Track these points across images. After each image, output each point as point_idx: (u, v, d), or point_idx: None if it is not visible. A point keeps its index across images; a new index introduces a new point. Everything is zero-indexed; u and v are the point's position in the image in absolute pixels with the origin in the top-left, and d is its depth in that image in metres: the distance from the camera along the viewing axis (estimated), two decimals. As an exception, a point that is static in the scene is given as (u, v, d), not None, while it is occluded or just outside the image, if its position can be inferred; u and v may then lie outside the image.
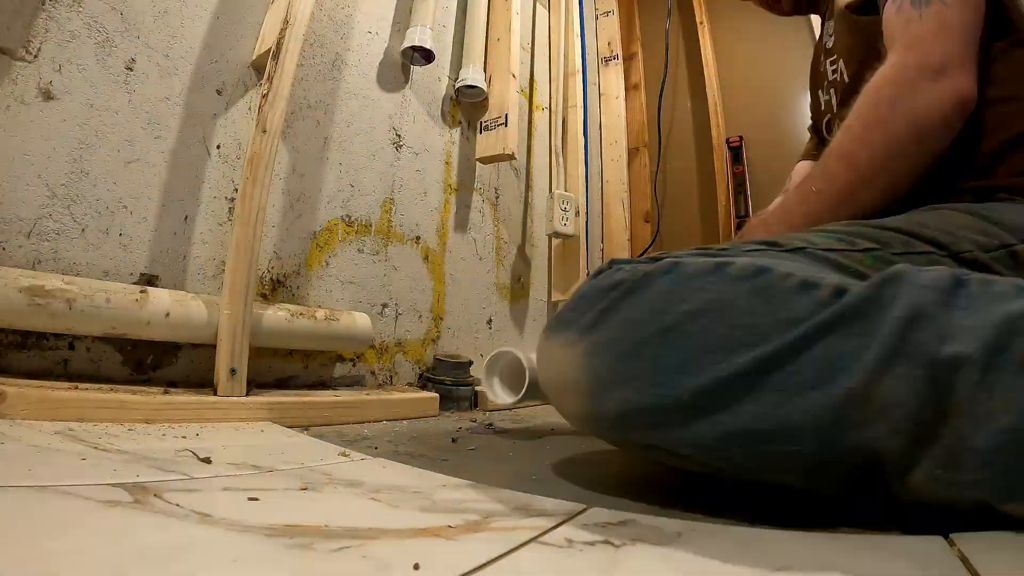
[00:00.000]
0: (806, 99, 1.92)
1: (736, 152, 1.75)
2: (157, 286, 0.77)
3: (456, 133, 1.31)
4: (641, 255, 1.96)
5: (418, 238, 1.19)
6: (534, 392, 0.75)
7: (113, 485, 0.37)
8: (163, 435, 0.58)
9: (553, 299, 1.64)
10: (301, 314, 0.86)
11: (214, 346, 0.75)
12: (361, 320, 0.96)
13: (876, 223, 0.52)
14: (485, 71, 1.30)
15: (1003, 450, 0.30)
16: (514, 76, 1.31)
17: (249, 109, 0.90)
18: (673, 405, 0.37)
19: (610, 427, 0.42)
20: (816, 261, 0.44)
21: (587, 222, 1.68)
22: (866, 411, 0.33)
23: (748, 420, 0.35)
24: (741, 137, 1.76)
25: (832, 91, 0.76)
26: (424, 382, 1.13)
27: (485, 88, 1.26)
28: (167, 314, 0.70)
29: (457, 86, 1.26)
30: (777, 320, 0.35)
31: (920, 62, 0.55)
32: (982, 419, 0.31)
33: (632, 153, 2.05)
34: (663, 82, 2.05)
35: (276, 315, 0.83)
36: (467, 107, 1.33)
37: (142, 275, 0.76)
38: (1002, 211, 0.52)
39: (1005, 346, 0.31)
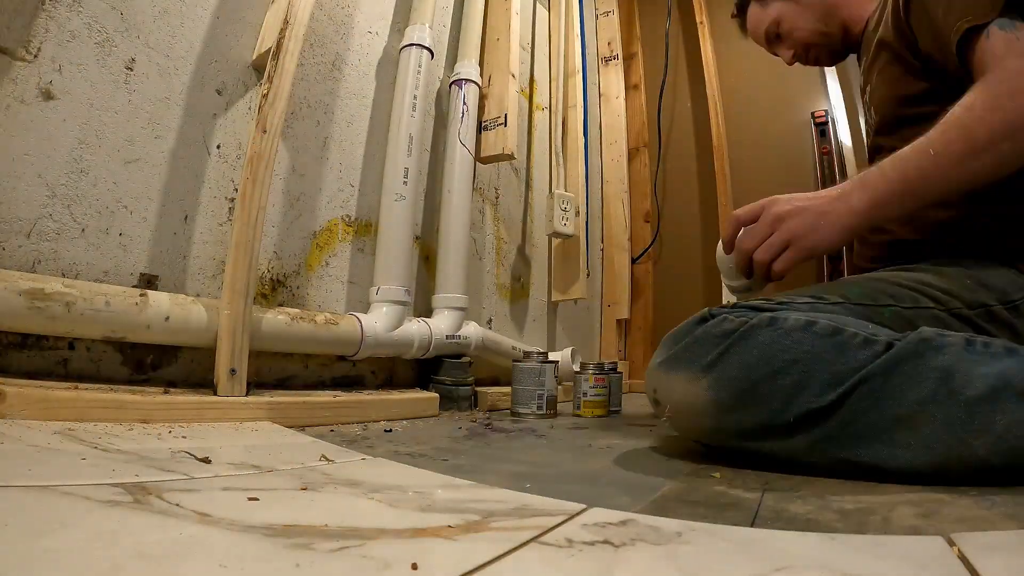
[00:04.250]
0: (805, 99, 1.92)
1: (823, 128, 1.76)
2: (157, 286, 0.77)
3: (456, 133, 1.31)
4: (641, 255, 1.96)
5: (417, 237, 1.19)
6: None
7: (113, 485, 0.37)
8: (162, 435, 0.58)
9: (553, 299, 1.64)
10: (301, 318, 0.86)
11: (214, 348, 0.75)
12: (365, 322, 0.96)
13: (894, 280, 0.68)
14: (481, 67, 1.30)
15: (1002, 442, 0.47)
16: (514, 76, 1.31)
17: (249, 109, 0.90)
18: (781, 425, 0.54)
19: (728, 437, 0.59)
20: (855, 314, 0.61)
21: (587, 222, 1.68)
22: (906, 432, 0.50)
23: (828, 433, 0.52)
24: (826, 111, 1.78)
25: (867, 128, 0.90)
26: (424, 382, 1.13)
27: (479, 81, 1.26)
28: (167, 318, 0.70)
29: (451, 80, 1.26)
30: (850, 368, 0.52)
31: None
32: (990, 431, 0.48)
33: (632, 153, 2.05)
34: (663, 82, 2.05)
35: (276, 319, 0.83)
36: (467, 107, 1.33)
37: (142, 275, 0.76)
38: (989, 275, 0.68)
39: (1003, 389, 0.48)
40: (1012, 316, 0.66)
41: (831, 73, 1.80)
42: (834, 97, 1.79)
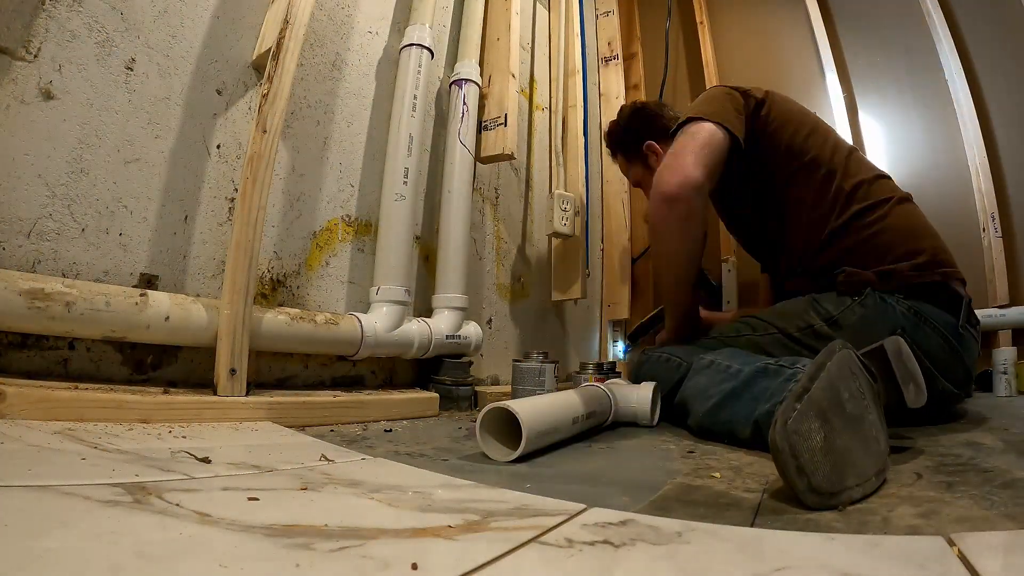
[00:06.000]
0: (806, 99, 1.92)
1: None
2: (157, 286, 0.77)
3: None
4: (641, 255, 1.96)
5: (417, 237, 1.19)
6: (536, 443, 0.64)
7: (113, 485, 0.37)
8: (162, 435, 0.58)
9: (553, 299, 1.64)
10: (301, 318, 0.86)
11: (214, 348, 0.75)
12: (364, 322, 0.96)
13: (758, 315, 1.02)
14: (481, 67, 1.30)
15: (702, 417, 0.81)
16: (514, 76, 1.31)
17: (249, 109, 0.90)
18: (665, 396, 0.97)
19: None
20: (712, 347, 0.97)
21: (587, 222, 1.68)
22: (694, 405, 0.84)
23: (676, 401, 0.91)
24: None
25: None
26: (424, 382, 1.13)
27: (479, 81, 1.26)
28: (167, 318, 0.70)
29: (451, 80, 1.26)
30: (673, 375, 0.96)
31: (664, 166, 1.01)
32: (701, 410, 0.81)
33: (632, 153, 2.05)
34: (663, 82, 2.05)
35: (276, 319, 0.83)
36: (467, 107, 1.33)
37: (142, 275, 0.76)
38: (823, 298, 0.94)
39: (703, 391, 0.82)
40: (832, 330, 0.91)
41: (831, 72, 1.80)
42: (834, 97, 1.79)
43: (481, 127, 1.29)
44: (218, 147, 0.86)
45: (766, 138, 1.05)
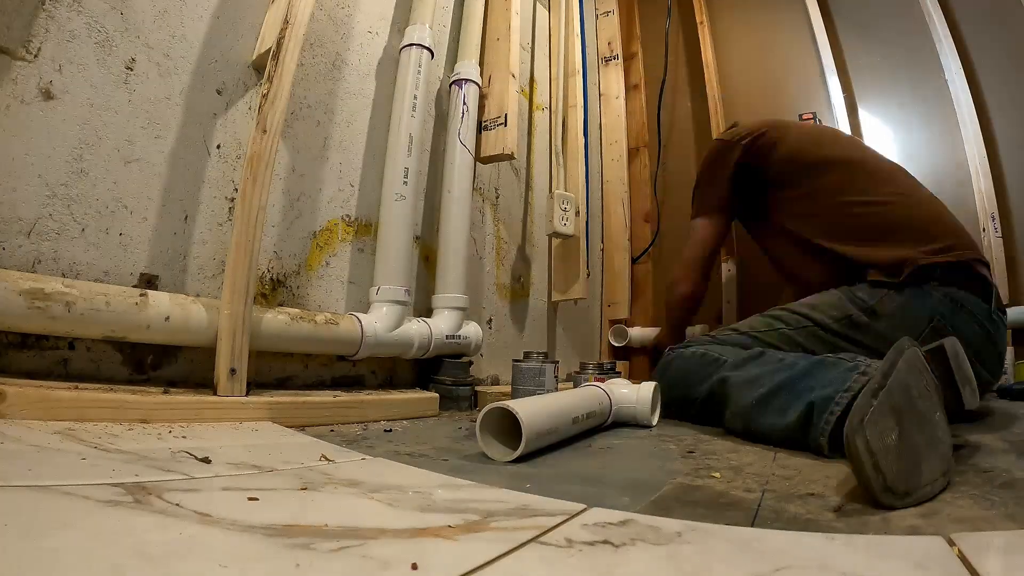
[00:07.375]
0: (805, 99, 1.92)
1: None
2: (157, 286, 0.77)
3: (456, 133, 1.31)
4: (641, 255, 1.96)
5: (417, 237, 1.19)
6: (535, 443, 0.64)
7: (113, 485, 0.37)
8: (162, 435, 0.58)
9: (553, 299, 1.64)
10: (301, 318, 0.86)
11: (214, 348, 0.75)
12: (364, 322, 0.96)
13: (790, 308, 1.02)
14: (481, 67, 1.30)
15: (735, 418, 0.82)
16: (514, 76, 1.31)
17: (249, 109, 0.90)
18: (692, 401, 0.93)
19: (671, 407, 0.98)
20: (740, 343, 0.99)
21: (587, 222, 1.68)
22: (762, 411, 0.75)
23: (709, 409, 0.89)
24: (814, 114, 1.78)
25: None
26: (424, 382, 1.13)
27: (479, 81, 1.26)
28: (167, 318, 0.70)
29: (451, 80, 1.26)
30: (708, 372, 0.91)
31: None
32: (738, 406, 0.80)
33: (632, 153, 2.05)
34: (663, 82, 2.05)
35: (276, 319, 0.83)
36: (467, 107, 1.33)
37: (142, 275, 0.76)
38: (857, 289, 0.96)
39: (746, 383, 0.81)
40: (870, 319, 0.92)
41: (831, 72, 1.80)
42: (835, 97, 1.79)
43: (481, 127, 1.29)
44: (218, 147, 0.86)
45: (774, 155, 1.16)
